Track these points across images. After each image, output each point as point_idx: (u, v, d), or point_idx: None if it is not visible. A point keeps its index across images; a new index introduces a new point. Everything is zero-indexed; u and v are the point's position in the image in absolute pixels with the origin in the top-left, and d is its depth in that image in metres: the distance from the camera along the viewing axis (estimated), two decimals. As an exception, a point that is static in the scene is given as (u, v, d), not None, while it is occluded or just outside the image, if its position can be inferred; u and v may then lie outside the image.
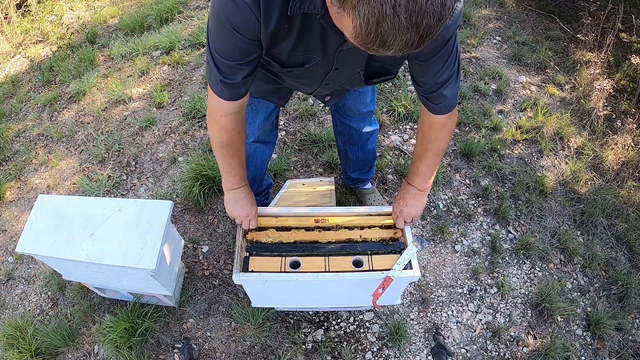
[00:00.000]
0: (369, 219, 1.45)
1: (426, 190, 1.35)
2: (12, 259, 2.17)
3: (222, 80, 1.00)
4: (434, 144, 1.24)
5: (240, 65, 0.97)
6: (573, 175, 2.45)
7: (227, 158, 1.21)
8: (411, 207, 1.35)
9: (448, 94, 1.10)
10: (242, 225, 1.38)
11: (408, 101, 2.67)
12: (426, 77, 1.07)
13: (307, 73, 1.08)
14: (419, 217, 1.39)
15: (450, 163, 2.46)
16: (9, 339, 1.81)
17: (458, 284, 2.01)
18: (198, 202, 2.20)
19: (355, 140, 1.84)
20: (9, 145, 2.75)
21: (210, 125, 1.16)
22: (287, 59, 0.99)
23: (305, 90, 1.32)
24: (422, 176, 1.31)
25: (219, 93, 1.05)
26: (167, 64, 3.10)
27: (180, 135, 2.60)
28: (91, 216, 1.54)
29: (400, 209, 1.37)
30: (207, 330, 1.84)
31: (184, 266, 2.00)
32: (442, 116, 1.17)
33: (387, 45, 0.63)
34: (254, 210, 1.37)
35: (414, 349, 1.82)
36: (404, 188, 1.38)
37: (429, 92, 1.11)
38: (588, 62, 3.22)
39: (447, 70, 1.04)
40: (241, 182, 1.31)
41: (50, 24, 3.90)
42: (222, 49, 0.94)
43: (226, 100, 1.06)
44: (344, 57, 1.01)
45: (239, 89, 1.04)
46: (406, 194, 1.36)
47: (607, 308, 2.01)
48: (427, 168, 1.29)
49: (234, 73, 0.98)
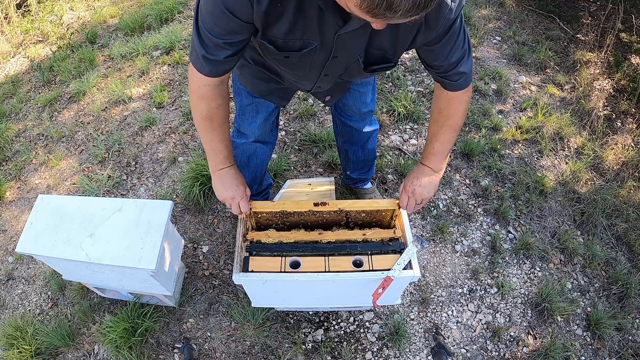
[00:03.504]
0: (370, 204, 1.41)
1: (440, 171, 1.30)
2: (12, 259, 2.17)
3: (204, 56, 0.99)
4: (451, 120, 1.22)
5: (225, 44, 0.96)
6: (573, 175, 2.45)
7: (208, 134, 1.18)
8: (424, 187, 1.29)
9: (465, 70, 1.11)
10: (232, 209, 1.30)
11: (408, 101, 2.67)
12: (439, 61, 1.08)
13: (306, 61, 1.06)
14: (429, 200, 1.33)
15: (450, 163, 2.46)
16: (9, 339, 1.81)
17: (458, 284, 2.01)
18: (198, 202, 2.20)
19: (356, 140, 1.84)
20: (9, 145, 2.75)
21: (190, 100, 1.15)
22: (283, 42, 0.98)
23: (304, 85, 1.30)
24: (437, 155, 1.27)
25: (199, 68, 1.04)
26: (167, 64, 3.10)
27: (180, 135, 2.60)
28: (91, 216, 1.54)
29: (413, 188, 1.29)
30: (207, 330, 1.84)
31: (184, 266, 2.00)
32: (460, 91, 1.17)
33: (394, 7, 0.63)
34: (239, 191, 1.28)
35: (414, 349, 1.82)
36: (417, 169, 1.32)
37: (444, 72, 1.11)
38: (588, 62, 3.22)
39: (457, 50, 1.05)
40: (225, 161, 1.25)
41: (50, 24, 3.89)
42: (211, 25, 0.93)
43: (206, 75, 1.05)
44: (342, 42, 0.99)
45: (219, 67, 1.03)
46: (420, 174, 1.30)
47: (607, 308, 2.01)
48: (443, 146, 1.25)
49: (217, 50, 0.98)
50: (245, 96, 1.50)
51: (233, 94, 1.58)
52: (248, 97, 1.50)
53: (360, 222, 1.48)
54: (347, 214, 1.43)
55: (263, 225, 1.48)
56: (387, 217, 1.46)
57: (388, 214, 1.44)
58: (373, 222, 1.48)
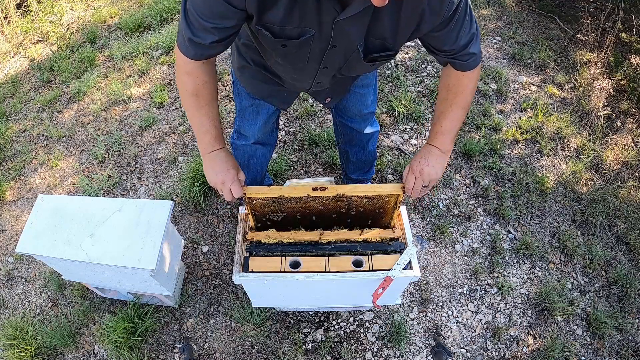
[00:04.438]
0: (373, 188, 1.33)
1: (448, 152, 1.24)
2: (12, 259, 2.17)
3: (190, 39, 0.98)
4: (460, 97, 1.18)
5: (214, 29, 0.95)
6: (573, 175, 2.45)
7: (196, 112, 1.14)
8: (432, 168, 1.21)
9: (475, 51, 1.10)
10: (223, 195, 1.22)
11: (408, 101, 2.67)
12: (448, 45, 1.07)
13: (304, 50, 1.04)
14: (436, 182, 1.25)
15: (451, 163, 2.46)
16: (9, 339, 1.81)
17: (458, 284, 2.01)
18: (198, 202, 2.20)
19: (356, 142, 1.84)
20: (9, 145, 2.75)
21: (177, 78, 1.13)
22: (280, 29, 0.96)
23: (303, 82, 1.27)
24: (446, 134, 1.21)
25: (184, 51, 1.03)
26: (167, 64, 3.10)
27: (180, 135, 2.60)
28: (91, 216, 1.54)
29: (421, 168, 1.21)
30: (207, 330, 1.84)
31: (184, 266, 2.00)
32: (470, 71, 1.15)
33: None
34: (230, 175, 1.20)
35: (414, 349, 1.82)
36: (423, 150, 1.25)
37: (455, 54, 1.10)
38: (588, 62, 3.22)
39: (465, 34, 1.04)
40: (214, 143, 1.19)
41: (50, 24, 3.90)
42: (201, 7, 0.92)
43: (191, 58, 1.04)
44: (341, 29, 0.96)
45: (204, 50, 1.02)
46: (427, 154, 1.23)
47: (607, 308, 2.01)
48: (451, 124, 1.20)
49: (204, 34, 0.97)
50: (246, 98, 1.50)
51: (233, 95, 1.58)
52: (248, 98, 1.49)
53: (362, 210, 1.40)
54: (348, 200, 1.34)
55: (259, 213, 1.40)
56: (391, 204, 1.37)
57: (392, 199, 1.35)
58: (376, 209, 1.40)
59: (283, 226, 1.46)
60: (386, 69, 2.97)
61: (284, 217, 1.41)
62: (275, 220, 1.43)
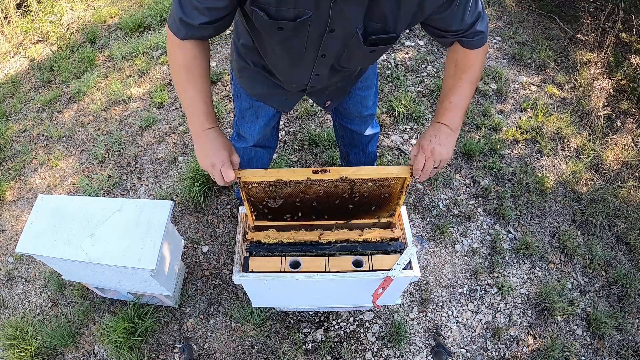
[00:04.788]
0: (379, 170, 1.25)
1: (457, 130, 1.17)
2: (12, 259, 2.17)
3: (181, 19, 0.98)
4: (469, 72, 1.14)
5: (205, 9, 0.94)
6: (573, 175, 2.45)
7: (186, 85, 1.09)
8: (443, 146, 1.14)
9: (482, 29, 1.09)
10: (215, 179, 1.13)
11: (408, 101, 2.67)
12: (455, 25, 1.06)
13: (301, 35, 1.01)
14: (446, 162, 1.18)
15: (451, 163, 2.46)
16: (9, 339, 1.81)
17: (458, 284, 2.01)
18: (198, 202, 2.20)
19: (357, 143, 1.84)
20: (9, 145, 2.75)
21: (167, 52, 1.10)
22: (275, 10, 0.92)
23: (301, 76, 1.24)
24: (455, 110, 1.15)
25: (175, 31, 1.02)
26: (167, 64, 3.10)
27: (180, 135, 2.60)
28: (91, 216, 1.54)
29: (432, 147, 1.13)
30: (207, 330, 1.84)
31: (184, 266, 2.00)
32: (478, 48, 1.13)
33: None
34: (221, 156, 1.11)
35: (414, 349, 1.82)
36: (432, 128, 1.17)
37: (462, 34, 1.09)
38: (588, 62, 3.22)
39: (471, 13, 1.04)
40: (205, 122, 1.12)
41: (50, 24, 3.89)
42: None
43: (181, 39, 1.03)
44: (339, 11, 0.93)
45: (194, 31, 1.01)
46: (437, 132, 1.15)
47: (607, 308, 2.01)
48: (461, 99, 1.15)
49: (195, 14, 0.96)
50: (245, 99, 1.49)
51: (233, 97, 1.58)
52: (248, 100, 1.49)
53: (366, 194, 1.32)
54: (352, 183, 1.25)
55: (255, 199, 1.31)
56: (397, 187, 1.29)
57: (398, 183, 1.27)
58: (381, 193, 1.32)
59: (281, 213, 1.37)
60: (386, 69, 2.97)
61: (282, 203, 1.32)
62: (272, 208, 1.35)
